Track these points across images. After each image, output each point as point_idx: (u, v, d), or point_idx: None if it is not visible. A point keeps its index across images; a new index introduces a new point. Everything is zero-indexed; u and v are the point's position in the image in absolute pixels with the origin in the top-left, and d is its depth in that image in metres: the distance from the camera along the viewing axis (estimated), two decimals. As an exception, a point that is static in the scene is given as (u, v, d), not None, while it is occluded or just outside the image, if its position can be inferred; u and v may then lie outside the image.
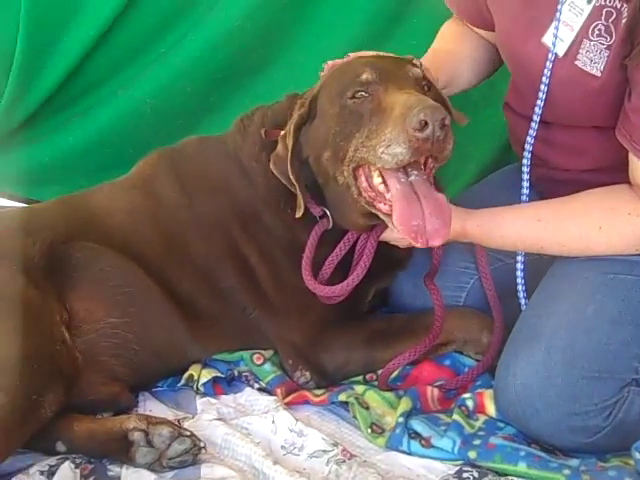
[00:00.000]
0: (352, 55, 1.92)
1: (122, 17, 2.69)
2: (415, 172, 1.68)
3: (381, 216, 1.75)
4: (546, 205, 1.85)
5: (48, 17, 2.67)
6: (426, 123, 1.55)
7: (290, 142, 1.83)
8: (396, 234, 1.80)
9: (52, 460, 1.70)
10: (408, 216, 1.65)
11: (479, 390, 1.89)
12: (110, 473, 1.69)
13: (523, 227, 1.83)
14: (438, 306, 1.95)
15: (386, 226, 1.81)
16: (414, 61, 1.86)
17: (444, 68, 2.06)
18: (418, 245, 1.65)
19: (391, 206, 1.68)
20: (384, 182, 1.70)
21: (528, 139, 1.91)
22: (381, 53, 1.91)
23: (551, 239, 1.81)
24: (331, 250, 1.93)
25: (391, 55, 1.89)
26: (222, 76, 2.81)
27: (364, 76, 1.74)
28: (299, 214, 1.84)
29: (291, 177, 1.83)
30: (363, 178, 1.74)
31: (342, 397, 1.90)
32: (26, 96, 2.79)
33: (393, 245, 1.94)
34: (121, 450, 1.70)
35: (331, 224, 1.92)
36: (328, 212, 1.91)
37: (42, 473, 1.65)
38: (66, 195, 2.23)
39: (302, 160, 1.88)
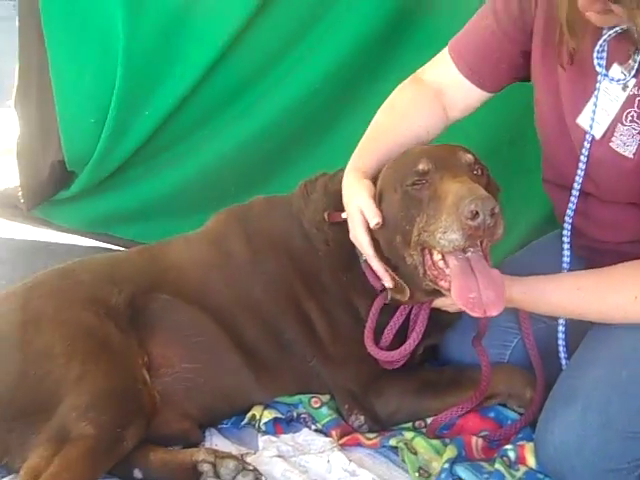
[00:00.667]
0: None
1: (210, 73, 2.90)
2: (472, 249, 1.83)
3: (443, 292, 1.90)
4: (585, 275, 1.96)
5: (144, 70, 2.89)
6: (477, 213, 1.70)
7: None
8: (447, 301, 1.95)
9: (130, 485, 1.86)
10: (465, 289, 1.80)
11: (520, 442, 2.00)
12: (181, 500, 1.85)
13: (564, 296, 1.94)
14: (485, 366, 2.07)
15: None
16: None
17: (388, 155, 2.09)
18: (475, 315, 1.80)
19: (450, 282, 1.84)
20: (444, 259, 1.85)
21: (568, 212, 2.02)
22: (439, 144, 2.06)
23: (590, 307, 1.92)
24: (386, 317, 2.07)
25: (445, 145, 2.03)
26: (299, 134, 3.02)
27: (421, 166, 1.90)
28: (405, 298, 1.99)
29: (382, 269, 1.97)
30: (428, 257, 1.89)
31: (392, 442, 2.03)
32: (119, 145, 3.04)
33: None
34: (191, 479, 1.86)
35: (389, 299, 2.06)
36: (388, 285, 2.02)
37: (121, 497, 1.82)
38: (146, 246, 2.43)
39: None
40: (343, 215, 2.05)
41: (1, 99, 4.78)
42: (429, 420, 2.14)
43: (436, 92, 2.19)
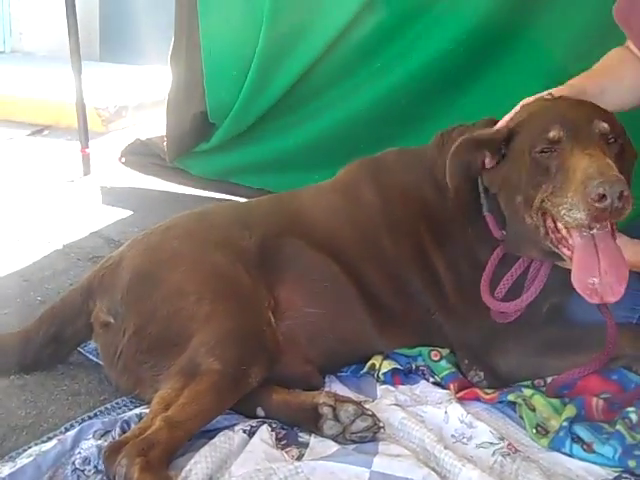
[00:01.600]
0: (552, 92, 2.04)
1: (348, 30, 3.00)
2: (597, 225, 1.78)
3: (564, 257, 1.88)
4: None
5: (287, 25, 3.05)
6: (604, 196, 1.67)
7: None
8: (568, 264, 1.90)
9: (253, 422, 1.95)
10: (584, 274, 1.79)
11: (644, 406, 1.96)
12: (300, 439, 1.92)
13: None
14: (611, 328, 2.00)
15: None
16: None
17: (599, 83, 2.10)
18: (592, 302, 1.78)
19: (573, 251, 1.82)
20: (568, 231, 1.84)
21: None
22: (577, 99, 2.00)
23: None
24: (505, 268, 2.07)
25: (584, 103, 1.97)
26: (434, 91, 3.07)
27: (552, 133, 1.87)
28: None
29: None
30: (550, 221, 1.87)
31: (511, 397, 2.03)
32: (259, 98, 3.21)
33: None
34: (311, 421, 1.93)
35: (503, 252, 2.06)
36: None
37: (244, 431, 1.90)
38: (277, 194, 2.51)
39: (489, 192, 2.04)
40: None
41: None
42: (549, 379, 2.12)
43: None
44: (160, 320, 2.00)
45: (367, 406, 2.00)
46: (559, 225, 1.85)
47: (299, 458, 1.85)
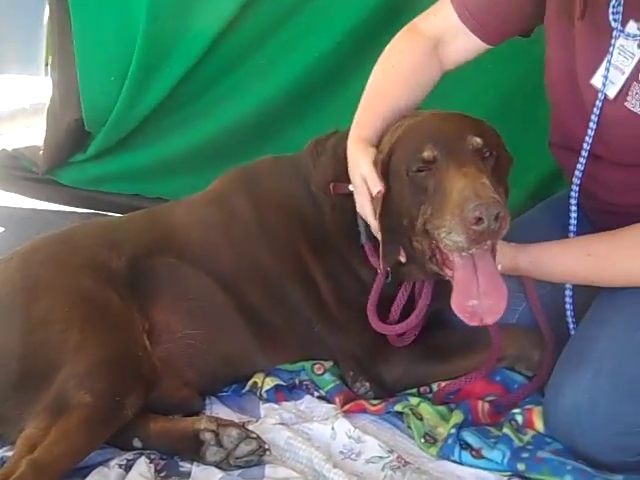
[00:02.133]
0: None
1: (225, 33, 2.99)
2: (477, 246, 1.75)
3: (448, 278, 1.86)
4: (595, 239, 1.90)
5: (165, 29, 2.98)
6: (481, 219, 1.65)
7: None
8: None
9: (129, 455, 1.82)
10: (465, 296, 1.78)
11: (528, 406, 1.96)
12: (181, 469, 1.81)
13: (573, 263, 1.90)
14: (494, 331, 2.01)
15: None
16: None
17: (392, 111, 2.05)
18: (471, 324, 1.78)
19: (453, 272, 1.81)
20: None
21: (576, 174, 1.96)
22: (448, 112, 1.98)
23: (601, 274, 1.88)
24: (391, 289, 2.04)
25: (456, 117, 1.93)
26: (312, 91, 3.10)
27: (426, 153, 1.81)
28: (382, 266, 1.95)
29: (380, 233, 1.92)
30: (434, 243, 1.84)
31: (398, 407, 1.99)
32: (139, 103, 3.12)
33: None
34: (192, 448, 1.82)
35: (390, 278, 2.02)
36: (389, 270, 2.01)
37: (120, 466, 1.77)
38: (148, 209, 2.39)
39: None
40: (350, 187, 1.99)
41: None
42: (435, 386, 2.11)
43: (433, 43, 2.12)
44: (24, 353, 1.85)
45: (251, 427, 1.92)
46: (441, 246, 1.82)
47: (181, 489, 1.74)
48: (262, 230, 2.17)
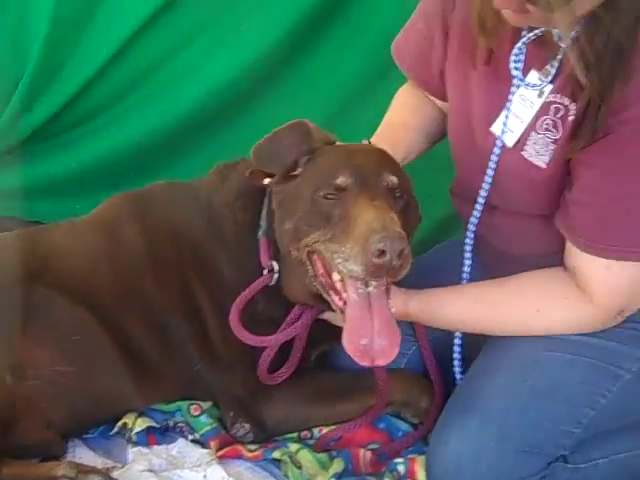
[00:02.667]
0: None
1: (119, 55, 2.87)
2: (374, 283, 1.71)
3: (333, 307, 1.78)
4: (485, 287, 1.89)
5: (58, 44, 2.86)
6: (384, 252, 1.58)
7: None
8: (339, 318, 1.79)
9: (-24, 504, 1.65)
10: (358, 334, 1.70)
11: (411, 455, 1.90)
12: (36, 520, 1.66)
13: (463, 310, 1.87)
14: (381, 380, 1.96)
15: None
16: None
17: (402, 144, 2.08)
18: (363, 364, 1.70)
19: (345, 304, 1.73)
20: (343, 284, 1.73)
21: (472, 220, 1.94)
22: (371, 146, 1.97)
23: (490, 321, 1.85)
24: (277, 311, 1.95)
25: (377, 152, 1.91)
26: (207, 121, 2.99)
27: (339, 180, 1.75)
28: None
29: None
30: (320, 265, 1.77)
31: (276, 454, 1.89)
32: (24, 119, 2.97)
33: None
34: (49, 497, 1.67)
35: (274, 281, 1.93)
36: (276, 268, 1.92)
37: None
38: (22, 230, 2.22)
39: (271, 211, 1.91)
40: (266, 181, 1.90)
41: None
42: (316, 431, 2.01)
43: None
44: None
45: (115, 474, 1.79)
46: (333, 277, 1.75)
47: None
48: (150, 259, 2.03)
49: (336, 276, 1.74)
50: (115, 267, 2.03)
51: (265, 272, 1.93)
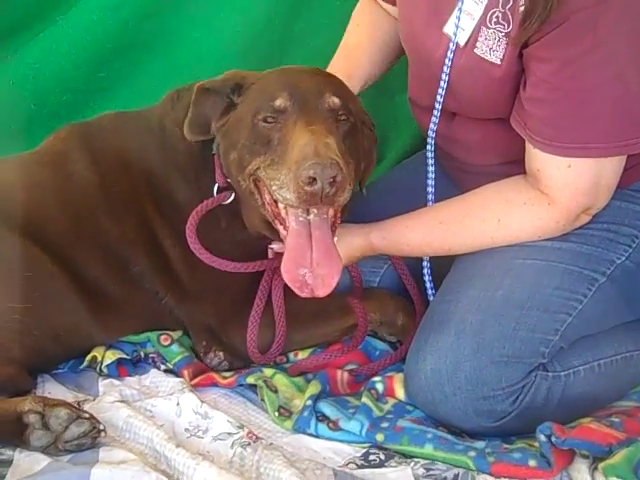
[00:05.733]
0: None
1: None
2: (315, 211, 1.67)
3: (281, 236, 1.75)
4: (446, 206, 1.85)
5: None
6: (315, 179, 1.53)
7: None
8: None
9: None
10: (295, 264, 1.66)
11: (389, 374, 1.88)
12: (2, 457, 1.60)
13: (427, 232, 1.84)
14: (360, 314, 1.94)
15: None
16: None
17: (361, 68, 2.04)
18: (302, 295, 1.67)
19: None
20: (286, 210, 1.69)
21: (431, 128, 1.89)
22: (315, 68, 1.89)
23: (455, 239, 1.82)
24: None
25: (320, 74, 1.85)
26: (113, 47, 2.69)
27: (278, 102, 1.71)
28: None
29: None
30: (267, 194, 1.72)
31: (250, 379, 1.86)
32: None
33: None
34: (15, 433, 1.61)
35: (230, 198, 1.88)
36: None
37: None
38: None
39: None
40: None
41: None
42: (292, 355, 2.00)
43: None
44: None
45: (86, 406, 1.73)
46: (279, 205, 1.71)
47: (-1, 480, 1.53)
48: (102, 191, 1.96)
49: (281, 204, 1.70)
50: (67, 202, 1.97)
51: (217, 191, 1.89)
